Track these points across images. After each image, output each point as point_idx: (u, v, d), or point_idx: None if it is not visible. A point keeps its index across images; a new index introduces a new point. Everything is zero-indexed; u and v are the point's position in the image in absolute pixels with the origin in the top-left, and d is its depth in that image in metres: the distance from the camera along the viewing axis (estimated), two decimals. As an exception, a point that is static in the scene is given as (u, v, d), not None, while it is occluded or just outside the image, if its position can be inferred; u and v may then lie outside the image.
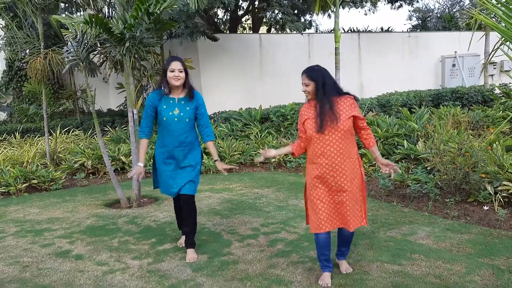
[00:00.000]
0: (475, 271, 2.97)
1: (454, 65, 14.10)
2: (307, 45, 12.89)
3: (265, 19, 15.61)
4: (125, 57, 5.02)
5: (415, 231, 3.81)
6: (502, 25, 3.17)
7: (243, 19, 17.97)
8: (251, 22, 17.25)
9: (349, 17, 51.60)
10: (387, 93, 10.64)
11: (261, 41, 12.53)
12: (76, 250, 3.81)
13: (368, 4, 15.58)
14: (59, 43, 8.37)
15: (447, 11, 21.12)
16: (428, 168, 5.33)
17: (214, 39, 11.02)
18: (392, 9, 16.03)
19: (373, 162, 6.18)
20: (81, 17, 5.20)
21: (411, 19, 22.59)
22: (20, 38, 7.29)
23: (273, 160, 7.23)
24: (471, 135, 6.25)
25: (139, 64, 8.61)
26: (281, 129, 8.43)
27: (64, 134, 9.94)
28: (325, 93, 2.77)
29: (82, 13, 8.15)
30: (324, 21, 62.42)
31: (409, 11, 24.68)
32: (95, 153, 7.45)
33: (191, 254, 3.47)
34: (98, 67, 10.55)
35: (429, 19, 20.92)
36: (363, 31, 15.95)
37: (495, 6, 3.09)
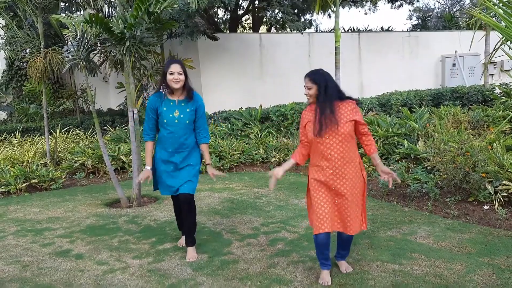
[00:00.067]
0: (475, 270, 2.97)
1: (454, 64, 14.10)
2: (307, 45, 12.89)
3: (265, 19, 15.61)
4: (125, 56, 5.02)
5: (415, 230, 3.82)
6: (502, 24, 3.17)
7: (243, 18, 17.97)
8: (251, 22, 17.25)
9: (349, 16, 51.62)
10: (387, 92, 10.64)
11: (261, 40, 12.53)
12: (77, 250, 3.81)
13: (368, 4, 15.58)
14: (59, 43, 8.37)
15: (447, 10, 21.13)
16: (428, 168, 5.33)
17: (214, 39, 11.02)
18: (392, 8, 16.04)
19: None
20: (81, 16, 5.20)
21: (411, 19, 22.62)
22: (20, 38, 7.29)
23: (273, 159, 7.23)
24: (471, 134, 6.25)
25: (139, 63, 8.61)
26: (281, 128, 8.43)
27: (64, 133, 9.94)
28: (326, 97, 2.77)
29: (82, 12, 8.15)
30: (324, 21, 62.41)
31: (409, 10, 24.72)
32: (95, 153, 7.45)
33: (191, 253, 3.48)
34: (98, 66, 10.56)
35: (429, 18, 20.92)
36: (363, 30, 15.93)
37: (495, 5, 3.09)
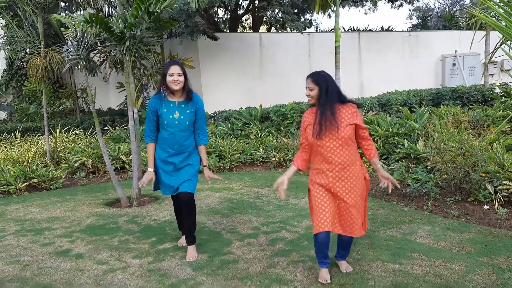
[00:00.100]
0: (475, 270, 2.97)
1: (454, 64, 14.09)
2: (307, 44, 12.88)
3: (265, 18, 15.61)
4: (125, 56, 5.02)
5: (415, 230, 3.82)
6: (502, 24, 3.17)
7: (243, 18, 17.97)
8: (251, 21, 17.24)
9: (349, 16, 51.64)
10: (387, 92, 10.64)
11: (261, 40, 12.52)
12: (77, 249, 3.81)
13: (368, 3, 15.58)
14: (59, 42, 8.37)
15: (447, 10, 21.12)
16: (428, 167, 5.33)
17: (214, 38, 11.02)
18: (392, 8, 16.02)
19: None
20: (81, 16, 5.20)
21: (411, 18, 22.63)
22: (20, 37, 7.29)
23: (273, 159, 7.23)
24: (471, 134, 6.25)
25: (139, 63, 8.61)
26: (281, 128, 8.43)
27: (64, 133, 9.95)
28: (327, 99, 2.77)
29: (82, 12, 8.15)
30: (324, 20, 62.42)
31: (410, 10, 24.73)
32: (95, 152, 7.45)
33: (191, 252, 3.48)
34: (98, 66, 10.56)
35: (429, 18, 20.91)
36: (363, 30, 15.93)
37: (495, 4, 3.09)
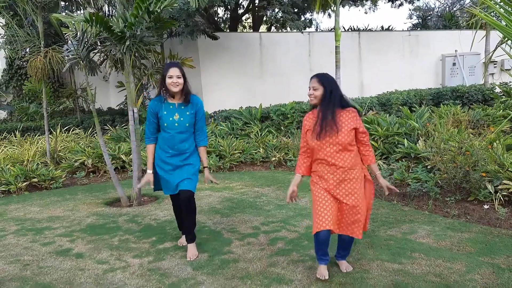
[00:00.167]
0: (475, 269, 2.97)
1: (454, 63, 14.09)
2: (307, 44, 12.88)
3: (266, 18, 15.60)
4: (125, 55, 5.02)
5: (415, 230, 3.82)
6: (502, 23, 3.17)
7: (244, 17, 17.96)
8: (251, 21, 17.24)
9: (350, 15, 51.63)
10: (387, 91, 10.64)
11: (261, 39, 12.52)
12: (77, 249, 3.81)
13: (369, 3, 15.57)
14: (59, 42, 8.38)
15: (447, 9, 21.11)
16: (429, 167, 5.33)
17: (214, 38, 11.02)
18: (392, 7, 16.01)
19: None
20: (81, 15, 5.19)
21: (411, 18, 22.60)
22: (20, 37, 7.29)
23: (273, 159, 7.23)
24: (472, 134, 6.25)
25: (139, 62, 8.59)
26: (281, 128, 8.43)
27: (65, 132, 9.95)
28: (330, 102, 2.80)
29: (82, 11, 8.15)
30: (324, 20, 62.42)
31: (410, 9, 24.71)
32: (95, 152, 7.45)
33: (192, 250, 3.48)
34: (98, 65, 10.55)
35: (429, 17, 20.90)
36: (363, 29, 15.93)
37: (496, 4, 3.09)
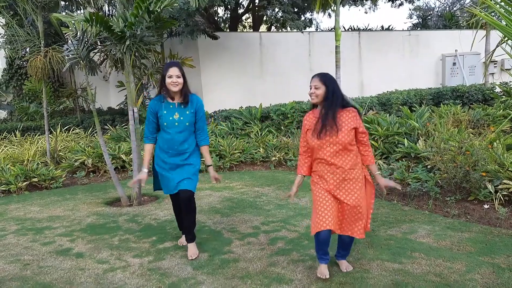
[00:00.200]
0: (475, 269, 2.97)
1: (454, 63, 14.09)
2: (307, 44, 12.88)
3: (266, 18, 15.59)
4: (125, 55, 5.01)
5: (415, 229, 3.82)
6: (503, 23, 3.16)
7: (244, 17, 17.97)
8: (251, 21, 17.24)
9: (350, 15, 51.61)
10: (387, 91, 10.64)
11: (261, 39, 12.52)
12: (77, 248, 3.81)
13: (369, 2, 15.56)
14: (60, 41, 8.37)
15: (447, 9, 21.10)
16: (429, 167, 5.33)
17: (215, 38, 11.02)
18: (392, 7, 16.01)
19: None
20: (81, 15, 5.19)
21: (411, 18, 22.59)
22: (20, 36, 7.29)
23: (273, 158, 7.23)
24: (472, 133, 6.25)
25: (139, 62, 8.60)
26: (282, 127, 8.43)
27: (65, 132, 9.95)
28: (333, 102, 2.81)
29: (82, 11, 8.15)
30: (324, 20, 62.40)
31: (410, 9, 24.68)
32: (95, 152, 7.45)
33: (192, 250, 3.48)
34: (98, 65, 10.56)
35: (429, 17, 20.89)
36: (363, 29, 15.93)
37: (496, 4, 3.09)
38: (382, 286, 2.80)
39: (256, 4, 14.02)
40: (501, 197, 4.27)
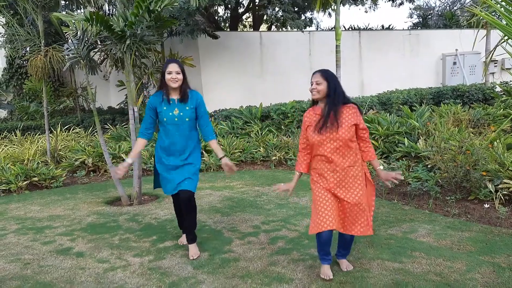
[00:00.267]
0: (475, 268, 2.97)
1: (455, 63, 14.07)
2: (307, 43, 12.87)
3: (266, 17, 15.58)
4: (125, 54, 5.01)
5: (415, 229, 3.82)
6: (503, 22, 3.16)
7: (244, 16, 17.95)
8: (251, 20, 17.23)
9: (350, 14, 51.58)
10: (387, 91, 10.63)
11: (261, 38, 12.51)
12: (77, 248, 3.81)
13: (369, 2, 15.53)
14: (60, 41, 8.38)
15: (448, 8, 21.08)
16: (429, 166, 5.33)
17: (215, 37, 11.01)
18: (393, 6, 15.99)
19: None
20: (81, 14, 5.19)
21: (412, 17, 22.55)
22: (20, 36, 7.29)
23: (274, 158, 7.23)
24: (472, 133, 6.25)
25: (139, 61, 8.61)
26: (282, 127, 8.43)
27: (65, 131, 9.96)
28: (335, 98, 2.80)
29: (82, 10, 8.15)
30: (324, 19, 62.39)
31: (410, 8, 24.67)
32: (95, 151, 7.46)
33: (193, 250, 3.48)
34: (98, 65, 10.55)
35: (430, 16, 20.87)
36: (363, 28, 15.92)
37: (497, 3, 3.08)
38: (382, 285, 2.80)
39: (257, 3, 14.02)
40: (502, 197, 4.28)
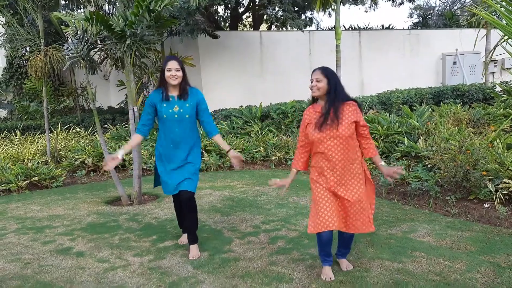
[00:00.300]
0: (475, 268, 2.97)
1: (455, 62, 14.07)
2: (307, 43, 12.87)
3: (266, 17, 15.58)
4: (125, 54, 5.01)
5: (415, 228, 3.82)
6: (503, 22, 3.16)
7: (244, 16, 17.94)
8: (251, 20, 17.23)
9: (350, 14, 51.58)
10: (387, 90, 10.63)
11: (261, 38, 12.51)
12: (77, 247, 3.81)
13: (369, 1, 15.53)
14: (60, 40, 8.37)
15: (448, 8, 21.08)
16: (429, 166, 5.33)
17: (215, 37, 11.01)
18: (393, 6, 15.99)
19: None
20: (81, 14, 5.19)
21: (412, 17, 22.55)
22: (20, 35, 7.29)
23: (274, 157, 7.23)
24: (472, 132, 6.25)
25: (139, 61, 8.61)
26: (282, 126, 8.43)
27: (65, 131, 9.95)
28: (336, 96, 2.80)
29: (82, 10, 8.15)
30: (324, 19, 62.41)
31: (410, 8, 24.61)
32: (95, 151, 7.46)
33: (194, 251, 3.48)
34: (98, 64, 10.54)
35: (430, 16, 20.87)
36: (363, 28, 15.92)
37: (497, 3, 3.08)
38: (382, 285, 2.80)
39: (257, 3, 14.01)
40: (501, 196, 4.27)
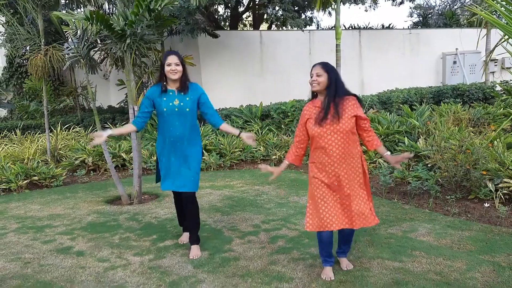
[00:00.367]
0: (475, 268, 2.97)
1: (455, 62, 14.07)
2: (308, 42, 12.86)
3: (266, 16, 15.57)
4: (125, 53, 5.01)
5: (415, 228, 3.82)
6: (503, 21, 3.16)
7: (244, 15, 17.92)
8: (251, 19, 17.21)
9: (350, 13, 51.55)
10: (388, 90, 10.63)
11: (261, 37, 12.50)
12: (78, 247, 3.82)
13: (369, 1, 15.53)
14: (60, 40, 8.37)
15: (448, 8, 21.06)
16: (429, 165, 5.33)
17: (215, 36, 11.00)
18: (393, 5, 15.99)
19: (374, 159, 6.19)
20: (81, 13, 5.19)
21: (412, 16, 22.53)
22: (20, 35, 7.29)
23: (274, 157, 7.23)
24: (472, 132, 6.25)
25: (139, 60, 8.60)
26: (282, 126, 8.43)
27: (65, 131, 9.95)
28: (337, 91, 2.79)
29: (82, 9, 8.14)
30: (325, 18, 62.38)
31: (410, 8, 24.60)
32: (95, 150, 7.45)
33: (195, 251, 3.47)
34: (98, 64, 10.54)
35: (430, 16, 20.86)
36: (364, 28, 15.91)
37: (497, 3, 3.08)
38: (382, 284, 2.81)
39: (257, 2, 14.00)
40: (502, 196, 4.28)
